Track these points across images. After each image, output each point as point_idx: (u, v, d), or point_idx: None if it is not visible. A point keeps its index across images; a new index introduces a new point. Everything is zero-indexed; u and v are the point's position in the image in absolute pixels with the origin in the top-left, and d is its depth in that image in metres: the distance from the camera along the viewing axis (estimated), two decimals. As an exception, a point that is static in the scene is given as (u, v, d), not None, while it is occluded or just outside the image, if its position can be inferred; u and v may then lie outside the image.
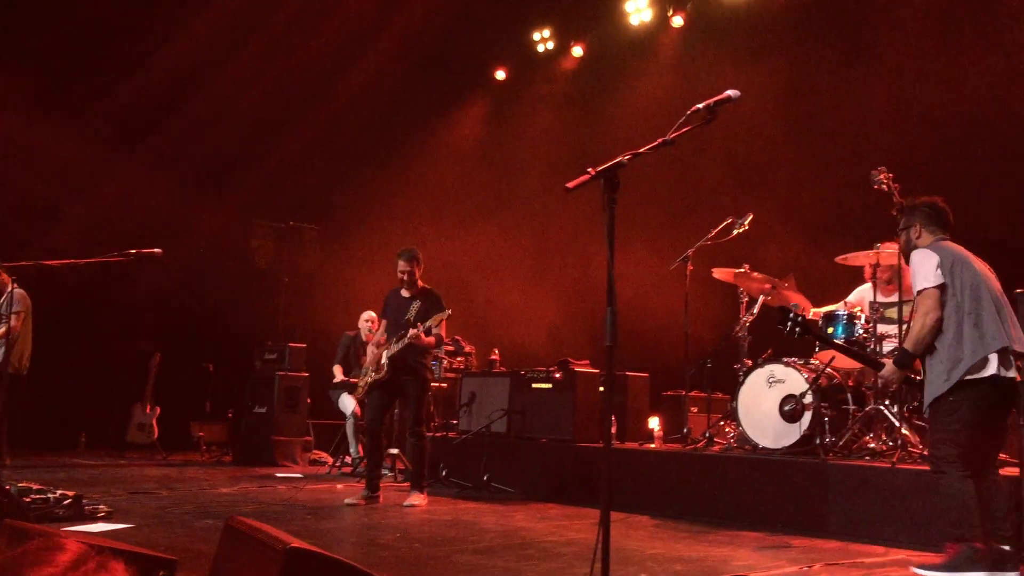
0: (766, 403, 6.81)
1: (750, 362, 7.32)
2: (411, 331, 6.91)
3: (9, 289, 8.09)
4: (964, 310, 4.49)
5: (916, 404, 6.57)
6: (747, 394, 6.98)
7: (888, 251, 6.69)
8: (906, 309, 6.53)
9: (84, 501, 5.65)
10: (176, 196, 11.16)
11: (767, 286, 7.43)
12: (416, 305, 7.15)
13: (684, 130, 3.15)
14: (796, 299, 7.44)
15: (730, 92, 3.27)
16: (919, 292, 4.62)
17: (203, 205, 11.57)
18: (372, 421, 7.25)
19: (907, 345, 4.66)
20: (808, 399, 6.56)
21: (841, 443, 6.60)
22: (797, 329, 5.52)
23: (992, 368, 4.40)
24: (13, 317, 8.63)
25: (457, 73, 12.85)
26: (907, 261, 5.00)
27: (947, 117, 8.46)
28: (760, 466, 6.54)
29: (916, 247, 4.82)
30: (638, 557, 4.92)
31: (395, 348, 7.02)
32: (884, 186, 6.20)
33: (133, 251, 6.37)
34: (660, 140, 3.11)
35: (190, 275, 11.48)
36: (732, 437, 7.32)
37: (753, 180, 9.71)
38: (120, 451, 10.66)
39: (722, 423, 7.75)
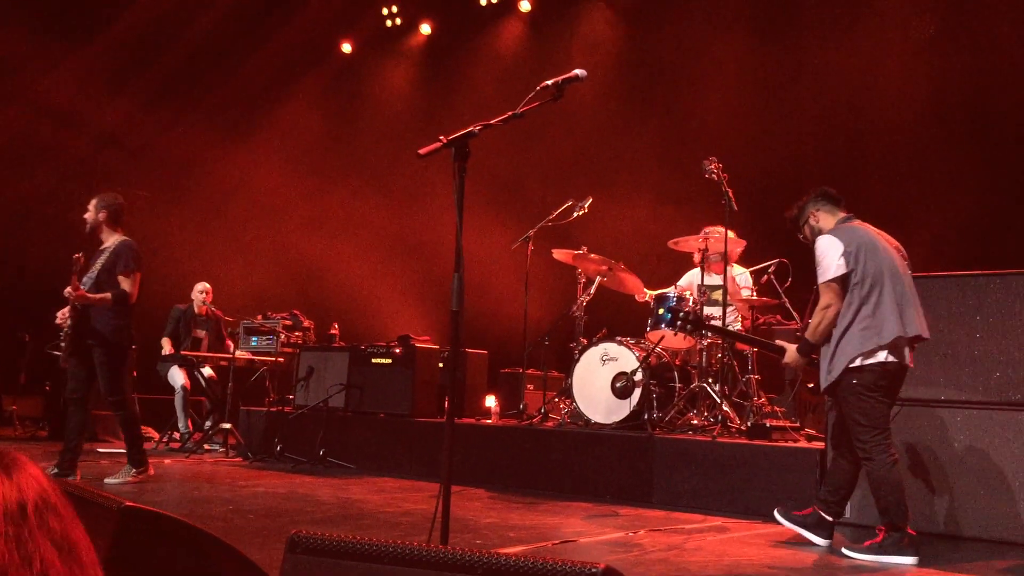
0: (599, 380, 7.07)
1: (585, 341, 7.56)
2: (67, 289, 6.05)
3: None
4: (863, 298, 4.49)
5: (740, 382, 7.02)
6: (582, 371, 7.22)
7: (716, 235, 7.06)
8: (728, 288, 6.95)
9: None
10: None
11: (604, 268, 7.69)
12: (103, 257, 6.29)
13: (533, 105, 3.24)
14: (630, 281, 7.75)
15: (577, 71, 3.38)
16: (822, 283, 4.62)
17: (20, 167, 10.84)
18: (69, 391, 6.33)
19: (808, 335, 4.71)
20: (638, 377, 6.86)
21: (667, 418, 6.94)
22: (688, 326, 5.81)
23: (882, 356, 4.45)
24: None
25: (302, 43, 12.56)
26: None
27: (782, 105, 9.03)
28: (591, 440, 6.80)
29: (821, 231, 4.78)
30: (473, 526, 5.03)
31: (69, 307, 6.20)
32: (714, 175, 6.56)
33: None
34: (510, 113, 3.19)
35: (5, 241, 10.75)
36: (566, 413, 7.55)
37: (594, 164, 10.03)
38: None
39: (556, 399, 7.99)
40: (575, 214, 7.88)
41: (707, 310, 7.13)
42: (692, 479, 6.15)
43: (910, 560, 4.35)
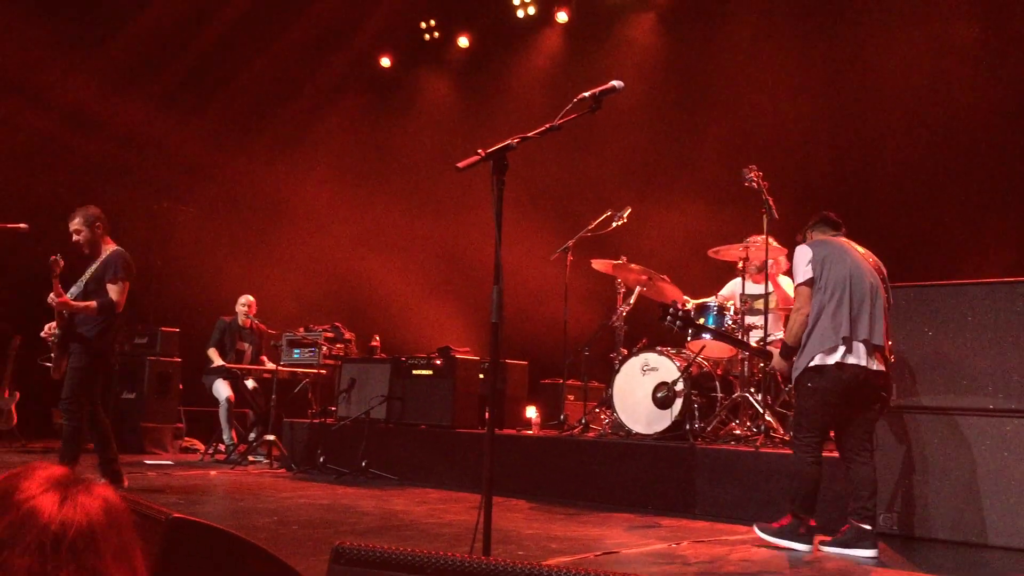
0: (640, 390, 7.04)
1: (626, 351, 7.54)
2: (50, 296, 6.01)
3: None
4: (826, 302, 4.85)
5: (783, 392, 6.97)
6: (622, 382, 7.20)
7: (757, 244, 7.01)
8: (771, 300, 6.89)
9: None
10: (55, 172, 10.69)
11: (644, 277, 7.67)
12: (90, 268, 6.25)
13: (570, 117, 3.25)
14: (671, 291, 7.72)
15: (614, 83, 3.39)
16: (795, 288, 5.06)
17: (72, 183, 11.07)
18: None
19: (785, 338, 5.09)
20: (679, 387, 6.82)
21: (709, 429, 6.89)
22: (678, 323, 5.98)
23: (838, 356, 4.77)
24: None
25: (342, 60, 12.71)
26: None
27: (822, 117, 8.94)
28: (633, 451, 6.77)
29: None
30: (515, 537, 5.03)
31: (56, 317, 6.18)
32: (754, 183, 6.51)
33: (-4, 225, 6.12)
34: (547, 125, 3.21)
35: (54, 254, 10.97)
36: (607, 423, 7.53)
37: (633, 174, 10.00)
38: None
39: (597, 410, 7.96)
40: (614, 224, 7.88)
41: (749, 319, 7.07)
42: (735, 490, 6.10)
43: (805, 547, 4.83)
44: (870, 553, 4.73)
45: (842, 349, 4.78)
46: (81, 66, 10.76)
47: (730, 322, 7.07)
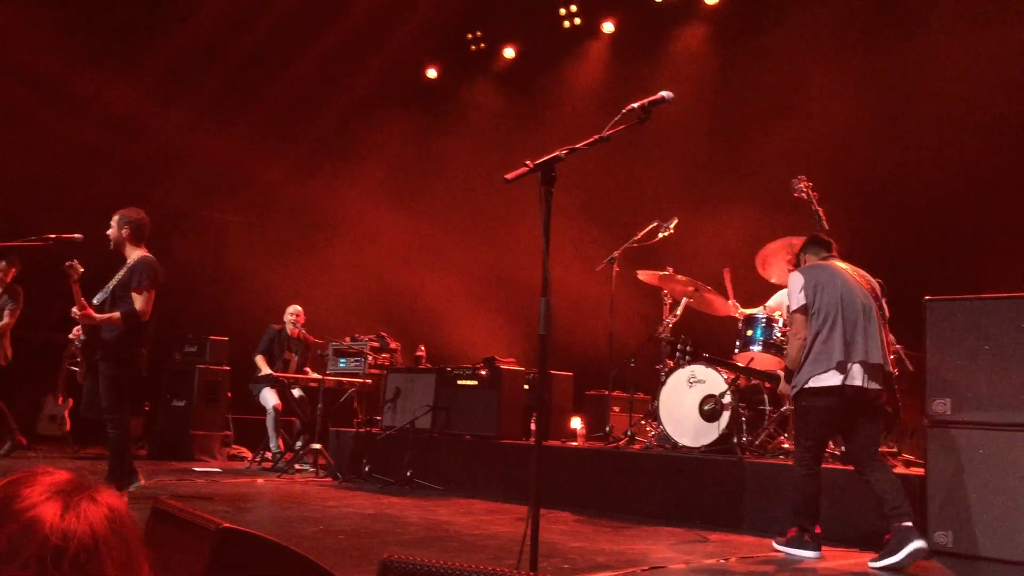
0: (686, 403, 6.97)
1: (672, 362, 7.47)
2: (73, 308, 5.93)
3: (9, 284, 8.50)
4: (820, 327, 5.08)
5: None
6: (668, 394, 7.13)
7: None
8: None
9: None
10: (103, 180, 10.90)
11: (690, 288, 7.61)
12: (118, 275, 6.18)
13: (619, 128, 3.23)
14: (717, 302, 7.64)
15: (663, 93, 3.37)
16: (790, 314, 5.34)
17: (125, 193, 11.29)
18: (84, 408, 6.29)
19: (786, 363, 5.45)
20: (727, 399, 6.74)
21: (757, 442, 6.80)
22: (687, 358, 6.30)
23: (834, 379, 4.99)
24: (7, 313, 8.66)
25: (388, 70, 12.81)
26: None
27: (876, 127, 8.80)
28: (679, 464, 6.70)
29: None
30: (561, 550, 5.00)
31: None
32: (803, 194, 6.42)
33: (52, 236, 6.22)
34: (596, 136, 3.19)
35: (106, 263, 11.18)
36: (653, 436, 7.47)
37: (680, 184, 9.92)
38: (31, 443, 10.32)
39: (643, 422, 7.90)
40: (660, 235, 7.82)
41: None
42: (783, 505, 5.99)
43: (812, 554, 5.04)
44: (918, 544, 4.68)
45: (837, 372, 4.99)
46: (128, 73, 10.99)
47: (778, 333, 6.97)
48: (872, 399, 5.05)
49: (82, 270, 5.94)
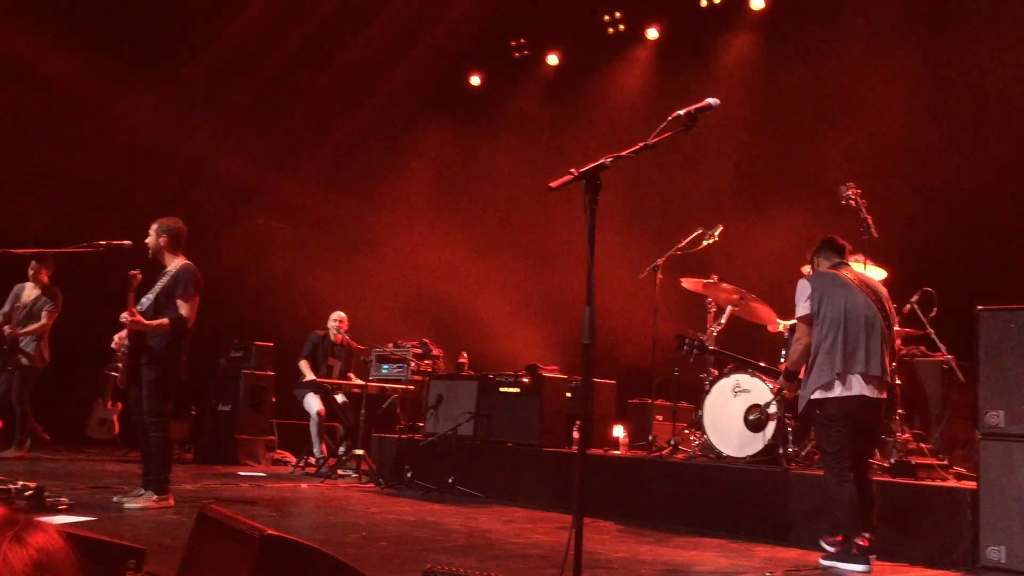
0: (731, 412, 6.89)
1: (716, 371, 7.39)
2: (123, 314, 6.01)
3: (46, 284, 8.99)
4: (823, 338, 5.23)
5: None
6: (713, 403, 7.06)
7: (855, 263, 6.78)
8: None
9: (45, 493, 5.58)
10: (148, 189, 11.08)
11: (735, 297, 7.52)
12: (160, 282, 6.28)
13: (665, 135, 3.20)
14: (763, 311, 7.55)
15: (710, 100, 3.33)
16: (796, 319, 5.48)
17: (169, 199, 11.45)
18: (135, 415, 6.32)
19: (788, 365, 5.61)
20: (772, 409, 6.64)
21: (803, 453, 6.69)
22: (695, 351, 6.35)
23: (835, 390, 5.15)
24: (46, 314, 8.81)
25: (432, 78, 12.87)
26: None
27: (929, 134, 8.63)
28: (724, 474, 6.62)
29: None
30: (604, 560, 4.96)
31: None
32: (852, 201, 6.32)
33: (103, 242, 6.33)
34: (641, 144, 3.16)
35: (153, 269, 11.37)
36: (696, 445, 7.39)
37: (724, 191, 9.83)
38: (80, 446, 10.51)
39: (687, 431, 7.82)
40: (705, 242, 7.74)
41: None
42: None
43: (861, 568, 4.94)
44: (865, 567, 4.93)
45: (838, 384, 5.15)
46: (173, 81, 11.18)
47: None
48: (873, 409, 5.21)
49: (140, 278, 6.08)
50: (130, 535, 4.71)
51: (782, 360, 7.04)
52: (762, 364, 6.96)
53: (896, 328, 6.96)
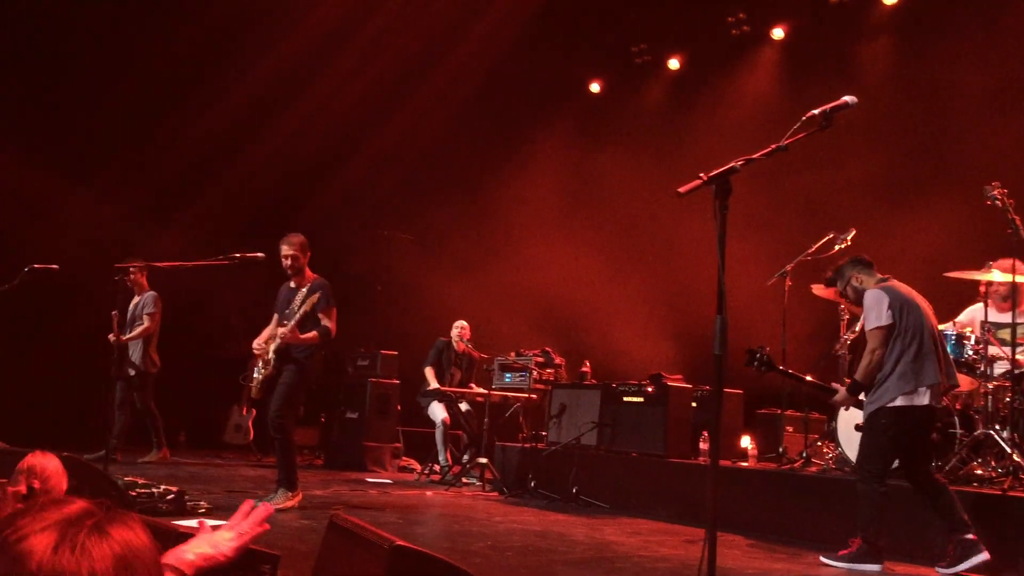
0: (867, 424, 6.58)
1: (850, 381, 7.08)
2: (280, 330, 6.41)
3: (147, 290, 9.01)
4: (907, 347, 5.30)
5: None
6: (848, 414, 6.76)
7: (1003, 269, 6.41)
8: (1020, 330, 6.27)
9: (185, 497, 5.82)
10: (272, 199, 11.50)
11: (870, 303, 7.20)
12: (301, 296, 6.56)
13: (799, 136, 3.07)
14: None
15: (847, 98, 3.18)
16: (870, 330, 5.43)
17: (296, 210, 11.81)
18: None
19: (857, 376, 5.52)
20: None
21: (947, 468, 6.33)
22: (763, 368, 6.21)
23: (924, 399, 5.26)
24: (147, 318, 9.23)
25: (553, 84, 12.87)
26: (858, 304, 5.74)
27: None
28: (860, 489, 6.32)
29: (866, 289, 5.60)
30: (737, 575, 4.81)
31: (276, 344, 6.50)
32: (998, 202, 5.97)
33: (237, 255, 6.55)
34: (774, 146, 3.05)
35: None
36: (830, 458, 7.11)
37: (857, 194, 9.44)
38: (217, 451, 10.94)
39: (819, 443, 7.54)
40: (836, 247, 7.43)
41: (992, 350, 6.46)
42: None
43: (875, 568, 5.16)
44: (983, 557, 5.02)
45: (923, 391, 5.24)
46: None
47: (970, 351, 6.49)
48: (938, 418, 5.45)
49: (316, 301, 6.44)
50: (264, 540, 4.84)
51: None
52: (814, 380, 6.50)
53: None
